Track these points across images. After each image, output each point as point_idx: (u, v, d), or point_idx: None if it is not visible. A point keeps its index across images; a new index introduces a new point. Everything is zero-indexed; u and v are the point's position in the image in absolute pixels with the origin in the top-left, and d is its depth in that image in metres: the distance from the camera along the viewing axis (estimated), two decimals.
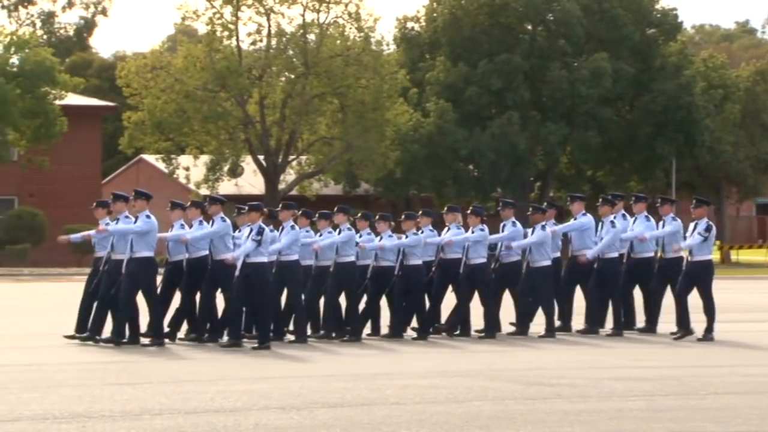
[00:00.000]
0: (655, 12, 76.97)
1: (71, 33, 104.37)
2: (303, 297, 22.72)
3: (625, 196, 26.08)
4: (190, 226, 22.50)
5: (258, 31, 70.89)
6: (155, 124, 68.99)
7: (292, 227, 22.63)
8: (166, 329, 22.15)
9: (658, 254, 24.24)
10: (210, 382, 17.08)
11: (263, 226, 21.51)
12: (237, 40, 70.37)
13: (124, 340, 21.60)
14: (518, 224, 24.13)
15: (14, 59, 64.42)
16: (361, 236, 23.35)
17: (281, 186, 70.20)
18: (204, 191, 69.53)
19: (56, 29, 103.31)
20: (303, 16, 70.51)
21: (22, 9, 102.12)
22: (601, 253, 23.92)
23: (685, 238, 23.41)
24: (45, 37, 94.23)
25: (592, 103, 72.22)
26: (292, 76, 70.75)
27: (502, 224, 24.16)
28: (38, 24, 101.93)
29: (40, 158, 63.40)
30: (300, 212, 23.35)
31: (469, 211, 24.00)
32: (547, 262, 23.76)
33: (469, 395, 15.44)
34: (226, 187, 71.53)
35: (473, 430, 12.87)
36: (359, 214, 24.06)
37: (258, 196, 71.20)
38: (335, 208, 23.60)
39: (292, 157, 71.22)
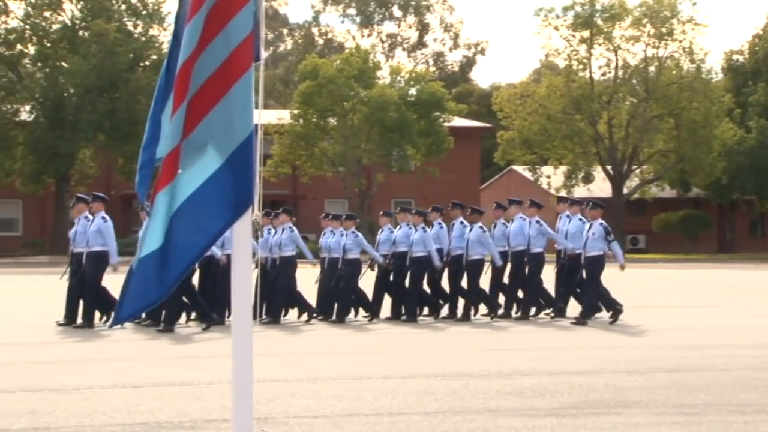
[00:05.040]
0: None
1: (456, 69, 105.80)
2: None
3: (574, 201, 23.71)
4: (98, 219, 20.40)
5: (607, 65, 70.55)
6: (523, 141, 69.45)
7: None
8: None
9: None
10: (566, 349, 17.01)
11: None
12: (590, 72, 70.10)
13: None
14: (444, 225, 22.71)
15: (412, 90, 65.83)
16: (325, 234, 22.27)
17: (625, 191, 69.52)
18: (562, 194, 69.63)
19: (445, 66, 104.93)
20: (645, 51, 69.80)
21: (419, 51, 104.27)
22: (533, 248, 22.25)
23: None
24: (436, 72, 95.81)
25: None
26: (635, 101, 70.05)
27: (451, 223, 22.81)
28: (431, 62, 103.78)
29: (432, 169, 64.61)
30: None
31: (414, 212, 22.78)
32: (479, 257, 22.17)
33: None
34: (580, 191, 71.26)
35: None
36: (325, 215, 22.88)
37: (606, 199, 70.92)
38: (280, 210, 22.46)
39: (634, 166, 70.50)
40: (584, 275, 21.53)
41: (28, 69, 63.79)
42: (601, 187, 72.58)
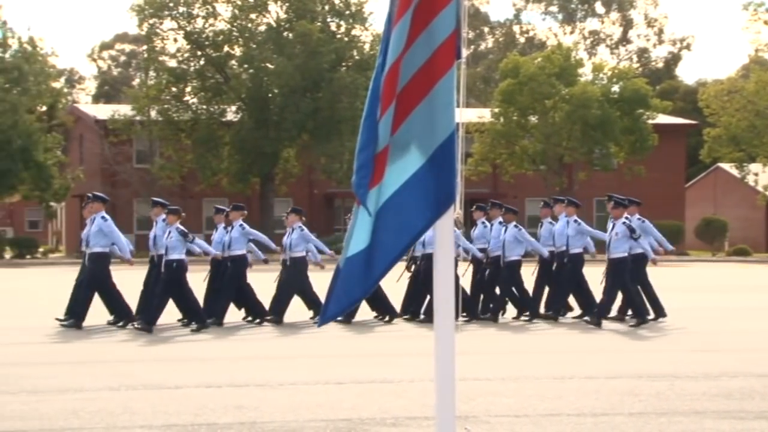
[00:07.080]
0: None
1: (661, 65, 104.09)
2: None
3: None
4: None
5: None
6: (730, 138, 67.97)
7: (241, 226, 21.06)
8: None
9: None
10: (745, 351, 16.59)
11: (180, 227, 19.48)
12: None
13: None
14: (487, 224, 21.99)
15: (615, 88, 65.14)
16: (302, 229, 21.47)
17: None
18: None
19: (649, 62, 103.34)
20: None
21: (622, 47, 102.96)
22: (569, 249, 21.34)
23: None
24: (640, 69, 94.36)
25: None
26: None
27: (491, 223, 22.01)
28: (634, 58, 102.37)
29: (637, 167, 63.88)
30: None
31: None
32: (517, 257, 21.41)
33: None
34: None
35: None
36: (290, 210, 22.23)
37: None
38: (289, 209, 22.17)
39: None
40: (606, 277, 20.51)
41: (234, 70, 65.31)
42: None
